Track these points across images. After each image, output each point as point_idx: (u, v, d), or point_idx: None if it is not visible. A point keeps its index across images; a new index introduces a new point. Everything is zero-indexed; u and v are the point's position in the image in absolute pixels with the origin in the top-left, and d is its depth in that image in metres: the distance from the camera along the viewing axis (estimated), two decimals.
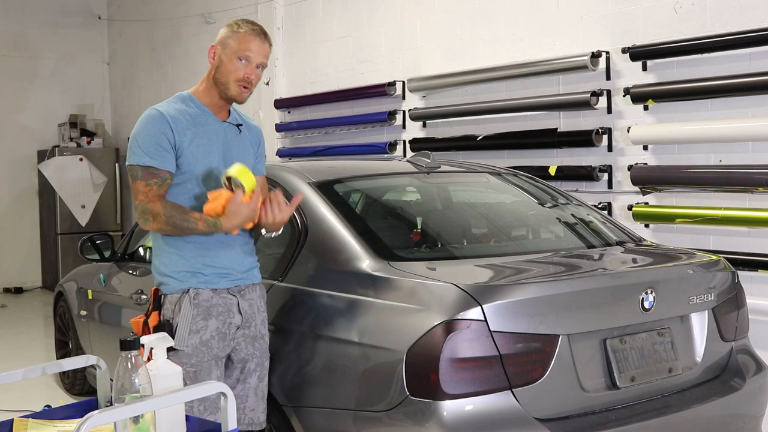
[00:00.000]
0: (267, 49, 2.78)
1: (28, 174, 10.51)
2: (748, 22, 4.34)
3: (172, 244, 2.72)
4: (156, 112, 2.69)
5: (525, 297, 2.58)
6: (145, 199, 2.64)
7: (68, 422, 1.95)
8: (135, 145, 2.67)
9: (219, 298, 2.72)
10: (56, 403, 2.29)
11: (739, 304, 3.21)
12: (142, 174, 2.64)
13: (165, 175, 2.65)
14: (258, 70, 2.75)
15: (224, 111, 2.81)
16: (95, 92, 11.04)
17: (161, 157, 2.64)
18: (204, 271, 2.71)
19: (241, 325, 2.77)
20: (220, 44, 2.75)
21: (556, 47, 5.33)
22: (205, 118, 2.75)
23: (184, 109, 2.73)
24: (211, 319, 2.70)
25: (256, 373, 2.82)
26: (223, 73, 2.72)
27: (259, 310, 2.84)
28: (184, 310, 2.67)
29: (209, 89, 2.77)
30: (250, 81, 2.72)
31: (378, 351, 2.62)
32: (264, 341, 2.85)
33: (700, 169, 4.51)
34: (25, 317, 8.56)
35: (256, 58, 2.73)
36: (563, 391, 2.61)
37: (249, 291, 2.82)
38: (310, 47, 7.50)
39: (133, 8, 10.42)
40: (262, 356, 2.84)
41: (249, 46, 2.71)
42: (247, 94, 2.75)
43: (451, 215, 3.66)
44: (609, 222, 3.67)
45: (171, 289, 2.71)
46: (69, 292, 5.23)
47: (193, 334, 2.66)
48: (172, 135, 2.66)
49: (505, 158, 5.63)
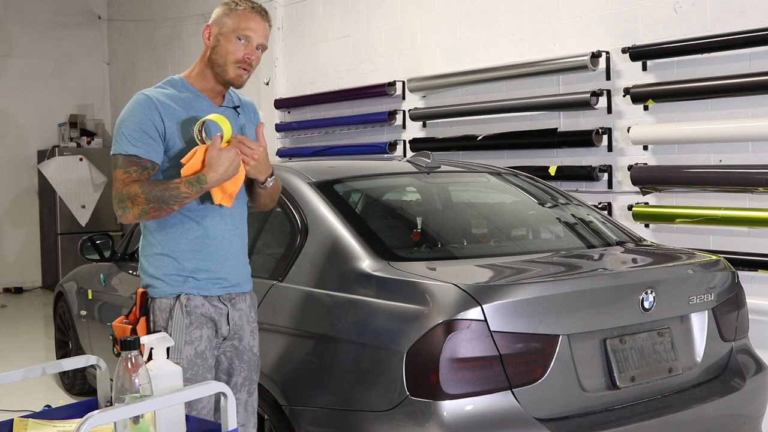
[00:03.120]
0: (267, 28, 2.55)
1: (28, 174, 10.51)
2: (748, 22, 4.34)
3: (162, 244, 2.52)
4: (143, 97, 2.47)
5: (525, 297, 2.58)
6: (121, 185, 2.41)
7: (68, 422, 1.95)
8: (119, 132, 2.45)
9: (210, 305, 2.54)
10: (56, 403, 2.29)
11: (739, 304, 3.21)
12: (123, 162, 2.42)
13: (147, 164, 2.43)
14: (258, 51, 2.53)
15: (220, 95, 2.59)
16: (95, 92, 11.04)
17: (146, 145, 2.42)
18: (197, 275, 2.52)
19: (228, 335, 2.60)
20: (216, 23, 2.52)
21: (556, 47, 5.33)
22: (200, 103, 2.53)
23: (176, 94, 2.51)
24: (203, 328, 2.52)
25: (245, 387, 2.66)
26: (221, 54, 2.50)
27: (249, 321, 2.66)
28: (176, 319, 2.48)
29: (203, 73, 2.55)
30: (249, 63, 2.51)
31: (378, 351, 2.62)
32: (253, 353, 2.67)
33: (700, 169, 4.51)
34: (25, 317, 8.56)
35: (257, 37, 2.51)
36: (563, 391, 2.61)
37: (240, 300, 2.63)
38: (310, 47, 7.50)
39: (133, 8, 10.42)
40: (251, 369, 2.67)
41: (249, 25, 2.49)
42: (246, 76, 2.54)
43: (451, 215, 3.66)
44: (609, 222, 3.67)
45: (160, 293, 2.51)
46: (69, 292, 5.23)
47: (187, 346, 2.49)
48: (161, 121, 2.44)
49: (505, 158, 5.63)
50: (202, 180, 2.36)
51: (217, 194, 2.43)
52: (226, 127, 2.39)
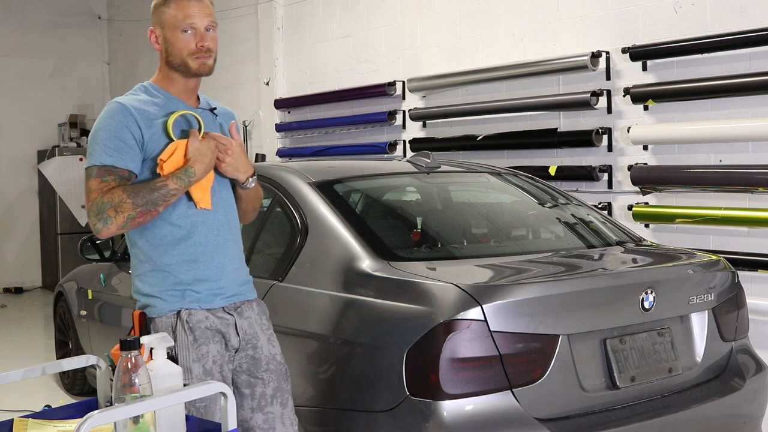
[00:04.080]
0: (207, 7, 2.42)
1: (28, 174, 10.51)
2: (748, 22, 4.34)
3: (154, 260, 2.39)
4: (117, 105, 2.36)
5: (525, 297, 2.58)
6: (99, 195, 2.26)
7: (68, 422, 1.95)
8: (94, 143, 2.33)
9: (215, 318, 2.41)
10: (56, 403, 2.28)
11: (739, 304, 3.21)
12: (98, 172, 2.29)
13: (124, 173, 2.31)
14: (210, 32, 2.40)
15: (193, 97, 2.50)
16: (95, 92, 11.04)
17: (122, 153, 2.30)
18: (195, 287, 2.39)
19: (240, 347, 2.46)
20: (157, 25, 2.41)
21: (556, 47, 5.33)
22: (175, 105, 2.42)
23: (150, 100, 2.40)
24: (210, 344, 2.39)
25: (276, 399, 2.50)
26: (174, 53, 2.39)
27: (263, 329, 2.53)
28: (180, 337, 2.34)
29: (168, 76, 2.44)
30: (206, 48, 2.38)
31: (378, 351, 2.62)
32: (277, 362, 2.52)
33: (700, 169, 4.51)
34: (25, 317, 8.56)
35: (201, 21, 2.38)
36: (563, 391, 2.61)
37: (246, 308, 2.50)
38: (310, 47, 7.50)
39: (133, 8, 10.42)
40: (280, 379, 2.51)
41: (188, 12, 2.37)
42: (210, 61, 2.41)
43: (451, 215, 3.66)
44: (609, 222, 3.67)
45: (158, 311, 2.37)
46: (69, 292, 5.23)
47: (195, 363, 2.35)
48: (138, 129, 2.33)
49: (505, 158, 5.63)
50: (191, 172, 2.31)
51: (197, 193, 2.38)
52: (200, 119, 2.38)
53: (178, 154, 2.33)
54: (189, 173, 2.31)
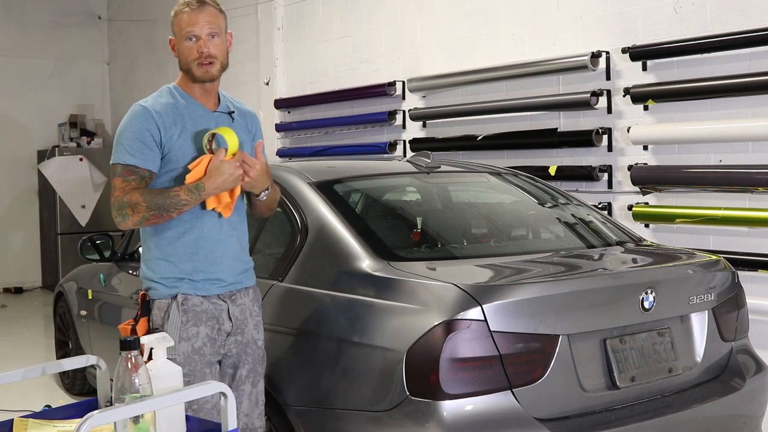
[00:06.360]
0: (211, 15, 2.60)
1: (28, 174, 10.51)
2: (748, 22, 4.34)
3: (159, 249, 2.62)
4: (141, 108, 2.60)
5: (525, 297, 2.58)
6: (121, 194, 2.53)
7: (68, 422, 1.95)
8: (118, 143, 2.58)
9: (209, 303, 2.62)
10: (56, 403, 2.29)
11: (739, 304, 3.21)
12: (122, 171, 2.55)
13: (144, 173, 2.55)
14: (213, 39, 2.59)
15: (212, 100, 2.70)
16: (95, 92, 11.04)
17: (143, 155, 2.54)
18: (193, 276, 2.61)
19: (232, 331, 2.67)
20: (173, 34, 2.65)
21: (556, 47, 5.33)
22: (194, 109, 2.64)
23: (171, 102, 2.63)
24: (201, 326, 2.60)
25: (249, 379, 2.72)
26: (182, 60, 2.63)
27: (252, 315, 2.73)
28: (172, 317, 2.57)
29: (185, 80, 2.67)
30: (206, 54, 2.58)
31: (378, 351, 2.62)
32: (257, 346, 2.75)
33: (700, 169, 4.51)
34: (25, 317, 8.56)
35: (202, 30, 2.57)
36: (563, 391, 2.61)
37: (241, 296, 2.71)
38: (310, 47, 7.50)
39: (133, 8, 10.42)
40: (255, 362, 2.74)
41: (190, 22, 2.57)
42: (213, 69, 2.61)
43: (451, 215, 3.66)
44: (609, 222, 3.67)
45: (159, 294, 2.61)
46: (69, 292, 5.23)
47: (183, 342, 2.56)
48: (158, 131, 2.56)
49: (505, 158, 5.63)
50: (201, 188, 2.50)
51: (212, 202, 2.56)
52: (232, 141, 2.52)
53: (201, 166, 2.52)
54: (199, 188, 2.50)
